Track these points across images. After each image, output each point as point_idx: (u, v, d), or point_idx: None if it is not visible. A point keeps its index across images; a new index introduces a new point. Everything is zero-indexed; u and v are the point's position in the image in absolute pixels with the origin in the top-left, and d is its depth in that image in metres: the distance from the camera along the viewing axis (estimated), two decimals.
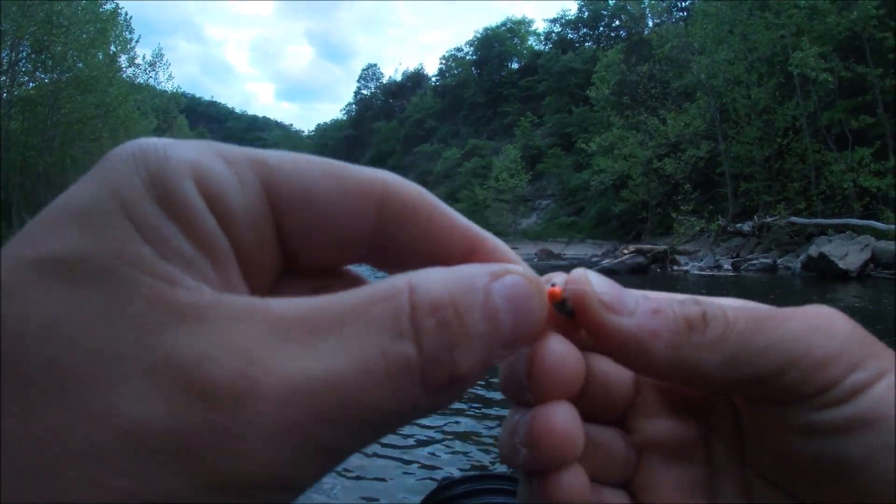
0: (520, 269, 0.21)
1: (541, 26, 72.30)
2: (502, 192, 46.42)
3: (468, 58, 71.54)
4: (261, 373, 0.16)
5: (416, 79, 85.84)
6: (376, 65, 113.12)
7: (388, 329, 0.17)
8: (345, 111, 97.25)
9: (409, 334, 0.17)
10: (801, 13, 21.98)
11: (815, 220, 19.75)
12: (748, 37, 24.08)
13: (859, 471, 0.20)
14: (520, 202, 47.58)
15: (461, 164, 56.85)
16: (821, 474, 0.21)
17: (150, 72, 36.12)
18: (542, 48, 65.72)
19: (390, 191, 0.21)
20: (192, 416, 0.15)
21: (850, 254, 13.87)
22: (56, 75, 24.05)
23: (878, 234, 15.23)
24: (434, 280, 0.19)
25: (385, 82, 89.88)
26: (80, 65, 24.15)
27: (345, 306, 0.18)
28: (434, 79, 79.55)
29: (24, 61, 23.95)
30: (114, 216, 0.16)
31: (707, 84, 26.37)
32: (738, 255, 20.65)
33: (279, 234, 0.20)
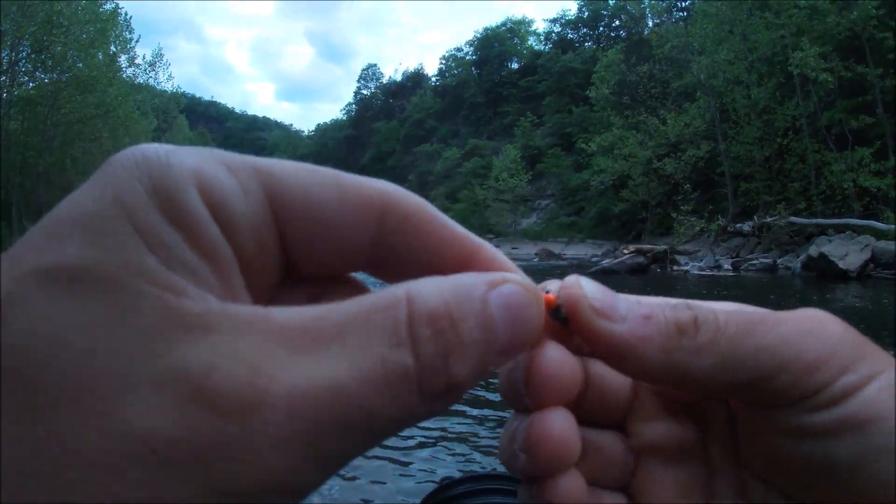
0: (517, 277, 0.21)
1: (541, 26, 72.29)
2: (502, 192, 46.40)
3: (468, 58, 71.54)
4: (267, 382, 0.16)
5: (416, 79, 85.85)
6: (376, 65, 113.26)
7: (387, 338, 0.18)
8: (345, 111, 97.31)
9: (406, 343, 0.18)
10: (801, 13, 21.98)
11: (815, 220, 19.75)
12: (748, 37, 24.08)
13: (851, 472, 0.20)
14: (520, 202, 47.56)
15: (461, 164, 56.84)
16: (813, 476, 0.22)
17: (150, 72, 36.21)
18: (542, 48, 65.72)
19: (391, 201, 0.21)
20: (202, 425, 0.15)
21: (850, 254, 13.86)
22: (56, 75, 24.04)
23: (878, 234, 15.22)
24: (431, 290, 0.19)
25: (385, 82, 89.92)
26: (80, 65, 24.15)
27: (346, 315, 0.18)
28: (434, 79, 79.57)
29: (24, 61, 23.95)
30: (118, 225, 0.16)
31: (707, 84, 26.36)
32: (738, 255, 20.64)
33: (281, 242, 0.20)
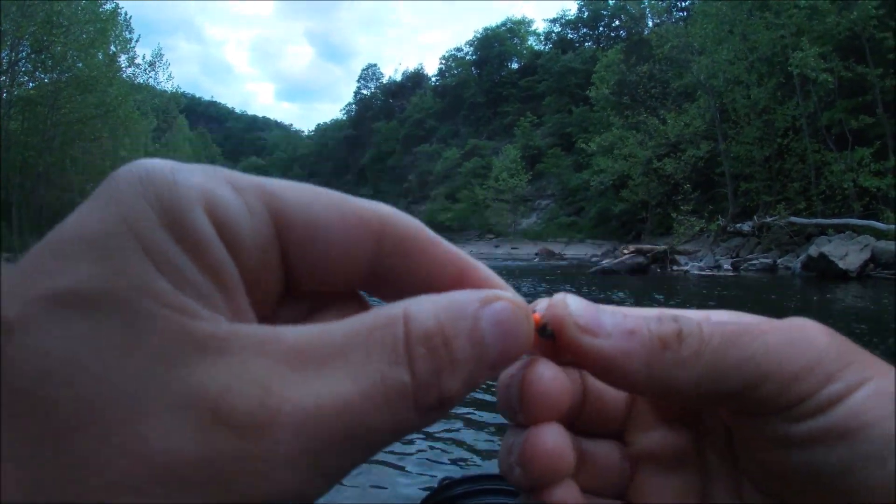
0: (508, 295, 0.22)
1: (541, 26, 72.40)
2: (502, 192, 46.43)
3: (468, 58, 71.56)
4: (278, 401, 0.16)
5: (415, 79, 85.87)
6: (376, 65, 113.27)
7: (386, 356, 0.18)
8: (345, 111, 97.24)
9: (403, 361, 0.19)
10: (801, 13, 21.98)
11: (814, 220, 19.75)
12: (748, 37, 24.07)
13: (840, 479, 0.21)
14: (520, 202, 47.59)
15: (461, 164, 56.86)
16: (804, 483, 0.22)
17: (149, 72, 36.23)
18: (542, 48, 65.75)
19: (388, 222, 0.22)
20: (219, 445, 0.16)
21: (849, 254, 13.86)
22: (56, 75, 24.04)
23: (878, 234, 15.22)
24: (426, 308, 0.20)
25: (385, 82, 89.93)
26: (80, 65, 24.14)
27: (347, 334, 0.19)
28: (434, 79, 79.60)
29: (24, 61, 23.95)
30: (128, 246, 0.16)
31: (707, 84, 26.38)
32: (737, 255, 20.63)
33: (283, 260, 0.21)
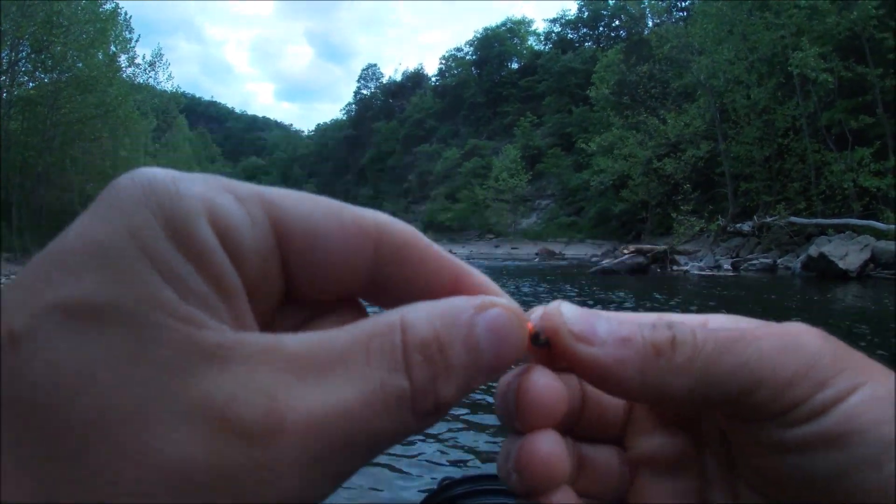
0: (503, 301, 0.22)
1: (541, 26, 72.47)
2: (502, 192, 46.43)
3: (468, 58, 71.54)
4: (283, 409, 0.17)
5: (415, 79, 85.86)
6: (376, 65, 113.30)
7: (385, 363, 0.19)
8: (345, 111, 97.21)
9: (401, 368, 0.19)
10: (801, 13, 21.98)
11: (814, 220, 19.75)
12: (748, 37, 24.08)
13: (834, 484, 0.21)
14: (520, 202, 47.60)
15: (461, 164, 56.85)
16: (800, 487, 0.22)
17: (149, 72, 36.11)
18: (542, 48, 65.73)
19: (386, 231, 0.22)
20: (229, 452, 0.16)
21: (849, 254, 13.86)
22: (56, 75, 23.99)
23: (878, 234, 15.22)
24: (423, 316, 0.20)
25: (385, 82, 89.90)
26: (80, 65, 24.08)
27: (347, 342, 0.19)
28: (434, 79, 79.59)
29: (24, 61, 23.92)
30: (133, 258, 0.17)
31: (707, 84, 26.38)
32: (737, 255, 20.63)
33: (283, 268, 0.21)
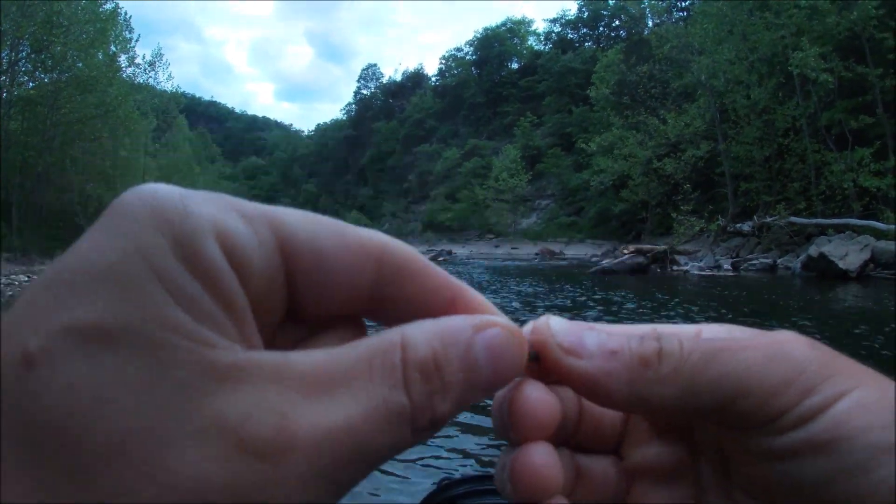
0: (501, 321, 0.23)
1: (541, 26, 72.48)
2: (502, 192, 46.43)
3: (468, 58, 71.53)
4: (294, 427, 0.18)
5: (415, 79, 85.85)
6: (376, 65, 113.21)
7: (386, 381, 0.20)
8: (345, 111, 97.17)
9: (401, 385, 0.20)
10: (801, 13, 21.97)
11: (814, 220, 19.74)
12: (748, 37, 24.07)
13: (822, 490, 0.21)
14: (520, 202, 47.58)
15: (461, 164, 56.85)
16: (788, 494, 0.23)
17: (149, 72, 36.03)
18: (542, 48, 65.73)
19: (387, 251, 0.23)
20: (243, 470, 0.17)
21: (849, 254, 13.85)
22: (56, 75, 23.95)
23: (878, 235, 15.22)
24: (421, 335, 0.21)
25: (385, 82, 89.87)
26: (80, 65, 24.06)
27: (351, 360, 0.20)
28: (434, 79, 79.57)
29: (24, 61, 23.88)
30: (145, 279, 0.17)
31: (708, 84, 26.37)
32: (737, 255, 20.63)
33: (288, 287, 0.22)
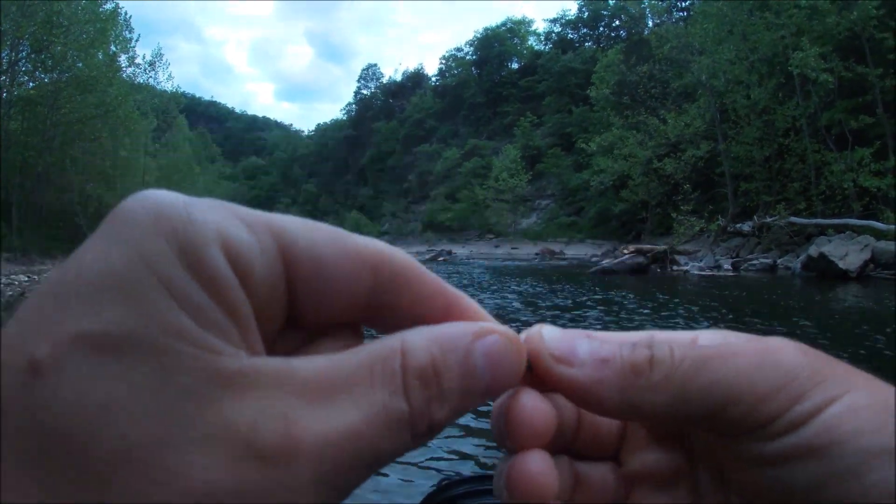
0: (501, 328, 0.23)
1: (541, 26, 72.62)
2: (502, 192, 46.43)
3: (468, 58, 71.54)
4: (299, 432, 0.18)
5: (416, 79, 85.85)
6: (376, 65, 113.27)
7: (387, 387, 0.20)
8: (345, 111, 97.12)
9: (401, 392, 0.21)
10: (801, 13, 21.95)
11: (814, 221, 19.73)
12: (748, 37, 24.06)
13: (814, 495, 0.21)
14: (520, 202, 47.59)
15: (461, 164, 56.85)
16: (780, 498, 0.23)
17: (149, 72, 35.99)
18: (542, 48, 65.73)
19: (384, 259, 0.23)
20: (251, 475, 0.17)
21: (849, 254, 13.85)
22: (56, 75, 23.93)
23: (878, 235, 15.21)
24: (421, 342, 0.22)
25: (385, 82, 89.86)
26: (80, 65, 24.04)
27: (353, 367, 0.21)
28: (434, 79, 79.56)
29: (24, 61, 23.86)
30: (152, 288, 0.17)
31: (708, 84, 26.37)
32: (737, 255, 20.62)
33: (289, 294, 0.22)
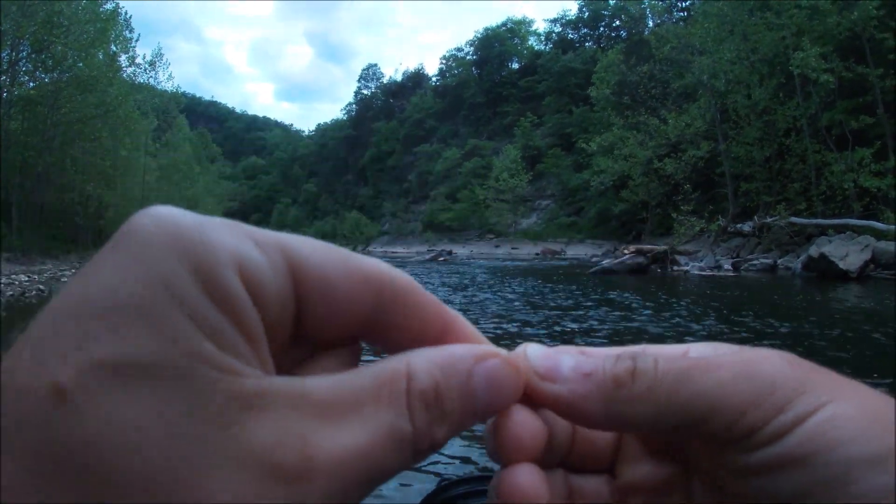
0: (501, 352, 0.25)
1: (541, 26, 72.66)
2: (502, 192, 46.47)
3: (468, 58, 71.58)
4: (314, 452, 0.19)
5: (416, 79, 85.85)
6: (376, 65, 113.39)
7: (393, 409, 0.21)
8: (345, 111, 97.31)
9: (406, 414, 0.21)
10: (802, 13, 21.96)
11: (815, 221, 19.74)
12: (749, 37, 24.05)
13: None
14: (520, 202, 47.62)
15: (461, 164, 56.87)
16: None
17: (149, 72, 35.98)
18: (543, 48, 65.79)
19: (387, 279, 0.24)
20: (272, 494, 0.18)
21: (850, 254, 13.83)
22: (56, 75, 23.89)
23: (878, 235, 15.20)
24: (425, 365, 0.23)
25: (385, 82, 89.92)
26: (81, 65, 24.00)
27: (361, 388, 0.21)
28: (434, 79, 79.60)
29: (24, 61, 23.83)
30: (172, 311, 0.18)
31: (708, 84, 26.36)
32: (738, 255, 20.63)
33: (296, 312, 0.23)
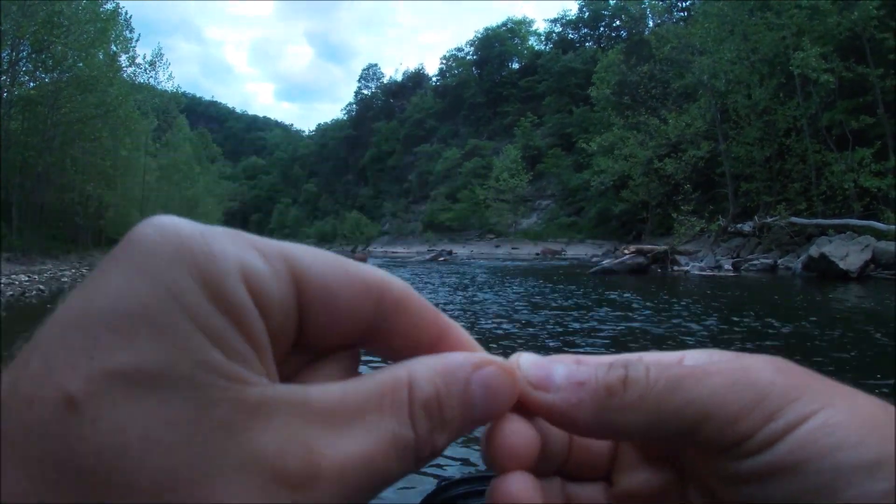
0: (498, 360, 0.25)
1: (541, 26, 72.73)
2: (502, 192, 46.47)
3: (468, 58, 71.58)
4: (319, 458, 0.19)
5: (416, 79, 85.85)
6: (377, 65, 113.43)
7: (395, 417, 0.22)
8: (345, 111, 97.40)
9: (408, 422, 0.22)
10: (802, 13, 21.96)
11: (815, 221, 19.76)
12: (749, 37, 24.05)
13: None
14: (520, 202, 47.62)
15: (461, 164, 56.87)
16: None
17: (150, 72, 36.00)
18: (543, 48, 65.80)
19: (386, 288, 0.24)
20: (279, 500, 0.18)
21: (850, 254, 13.84)
22: (56, 75, 23.87)
23: (879, 235, 15.21)
24: (425, 374, 0.23)
25: (385, 82, 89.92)
26: (81, 65, 23.98)
27: (365, 396, 0.22)
28: (434, 79, 79.59)
29: (24, 61, 23.82)
30: (181, 322, 0.18)
31: (708, 84, 26.35)
32: (738, 255, 20.65)
33: (300, 321, 0.23)
